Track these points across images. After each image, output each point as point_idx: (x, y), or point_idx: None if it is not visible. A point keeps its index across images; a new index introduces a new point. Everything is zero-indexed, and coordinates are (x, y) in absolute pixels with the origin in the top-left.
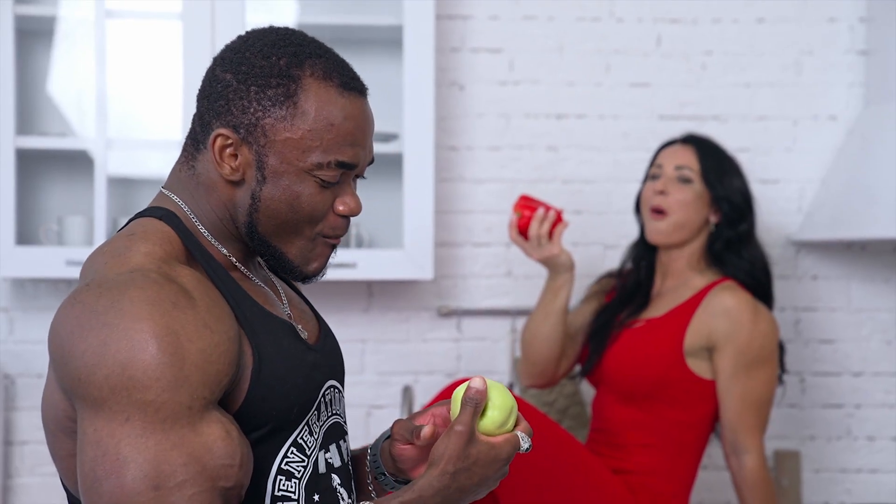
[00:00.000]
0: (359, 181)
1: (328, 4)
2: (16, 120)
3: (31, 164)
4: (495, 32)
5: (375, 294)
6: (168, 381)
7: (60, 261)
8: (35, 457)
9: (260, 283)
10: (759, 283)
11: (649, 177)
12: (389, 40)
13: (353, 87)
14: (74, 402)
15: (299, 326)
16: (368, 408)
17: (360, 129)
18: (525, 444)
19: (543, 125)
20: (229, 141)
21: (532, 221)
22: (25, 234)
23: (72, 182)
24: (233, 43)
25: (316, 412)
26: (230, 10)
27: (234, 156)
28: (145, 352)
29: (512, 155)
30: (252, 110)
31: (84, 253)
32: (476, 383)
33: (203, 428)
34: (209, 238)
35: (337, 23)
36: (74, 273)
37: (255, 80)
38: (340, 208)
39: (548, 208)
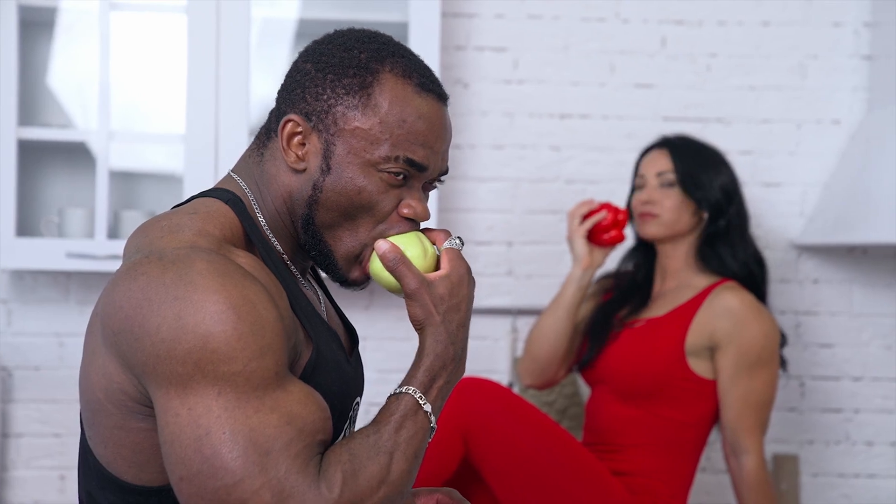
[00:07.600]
0: None
1: (334, 0)
2: (18, 111)
3: (32, 156)
4: (500, 31)
5: (377, 291)
6: (253, 350)
7: (61, 253)
8: (31, 450)
9: (307, 286)
10: (752, 275)
11: (635, 187)
12: (395, 37)
13: (432, 89)
14: (148, 380)
15: None
16: (368, 405)
17: (433, 131)
18: (457, 242)
19: (547, 124)
20: (299, 128)
21: (580, 208)
22: (26, 226)
23: (73, 174)
24: (320, 38)
25: (350, 426)
26: (235, 5)
27: (302, 144)
28: (226, 322)
29: (515, 154)
30: (325, 97)
31: (84, 245)
32: (382, 246)
33: (291, 387)
34: (266, 231)
35: (342, 19)
36: (75, 266)
37: (333, 69)
38: (405, 211)
39: (609, 209)
